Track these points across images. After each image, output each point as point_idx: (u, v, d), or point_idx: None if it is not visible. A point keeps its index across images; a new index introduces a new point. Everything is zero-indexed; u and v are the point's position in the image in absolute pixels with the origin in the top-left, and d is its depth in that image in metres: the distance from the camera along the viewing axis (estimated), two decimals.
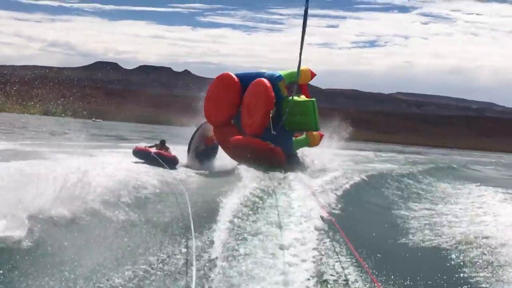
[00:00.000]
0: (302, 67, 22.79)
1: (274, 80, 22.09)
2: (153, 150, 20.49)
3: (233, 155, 22.29)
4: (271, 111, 21.19)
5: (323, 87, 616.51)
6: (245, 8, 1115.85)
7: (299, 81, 23.12)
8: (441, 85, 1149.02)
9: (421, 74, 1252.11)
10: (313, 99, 22.79)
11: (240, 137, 21.95)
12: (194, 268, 7.52)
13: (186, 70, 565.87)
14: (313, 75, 24.07)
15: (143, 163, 19.50)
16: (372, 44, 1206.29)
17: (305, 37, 21.36)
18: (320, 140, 24.35)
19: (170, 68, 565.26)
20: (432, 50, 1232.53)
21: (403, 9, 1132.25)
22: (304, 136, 23.53)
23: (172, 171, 18.22)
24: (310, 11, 21.38)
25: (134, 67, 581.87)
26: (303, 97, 23.07)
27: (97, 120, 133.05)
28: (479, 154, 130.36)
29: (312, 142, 23.87)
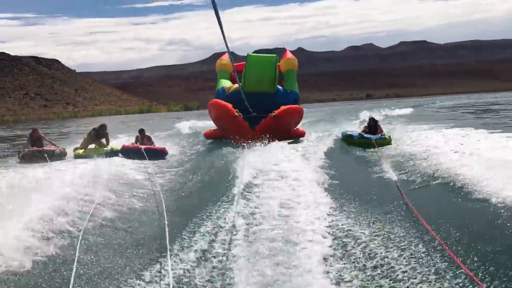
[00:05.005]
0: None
1: (221, 96, 21.65)
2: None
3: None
4: (236, 114, 19.12)
5: (441, 42, 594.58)
6: None
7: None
8: None
9: None
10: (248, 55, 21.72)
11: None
12: None
13: (299, 48, 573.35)
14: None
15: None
16: None
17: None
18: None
19: (283, 49, 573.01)
20: None
21: None
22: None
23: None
24: None
25: (250, 52, 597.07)
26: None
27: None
28: None
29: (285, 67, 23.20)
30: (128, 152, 17.07)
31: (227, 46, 15.22)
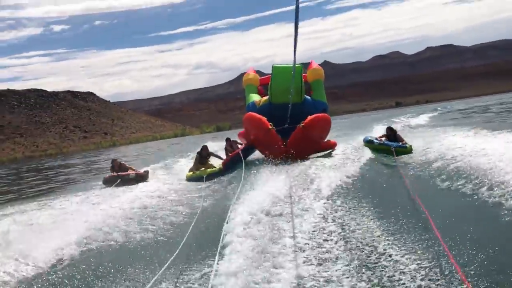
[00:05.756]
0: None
1: (253, 110, 21.15)
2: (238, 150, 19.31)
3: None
4: (270, 127, 18.82)
5: (469, 44, 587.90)
6: None
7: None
8: None
9: None
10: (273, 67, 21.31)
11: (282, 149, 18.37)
12: None
13: (325, 61, 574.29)
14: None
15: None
16: None
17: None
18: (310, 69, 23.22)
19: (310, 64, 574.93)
20: None
21: None
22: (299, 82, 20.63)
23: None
24: None
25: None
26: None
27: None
28: None
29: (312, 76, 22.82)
30: (231, 165, 18.36)
31: (295, 51, 15.04)
